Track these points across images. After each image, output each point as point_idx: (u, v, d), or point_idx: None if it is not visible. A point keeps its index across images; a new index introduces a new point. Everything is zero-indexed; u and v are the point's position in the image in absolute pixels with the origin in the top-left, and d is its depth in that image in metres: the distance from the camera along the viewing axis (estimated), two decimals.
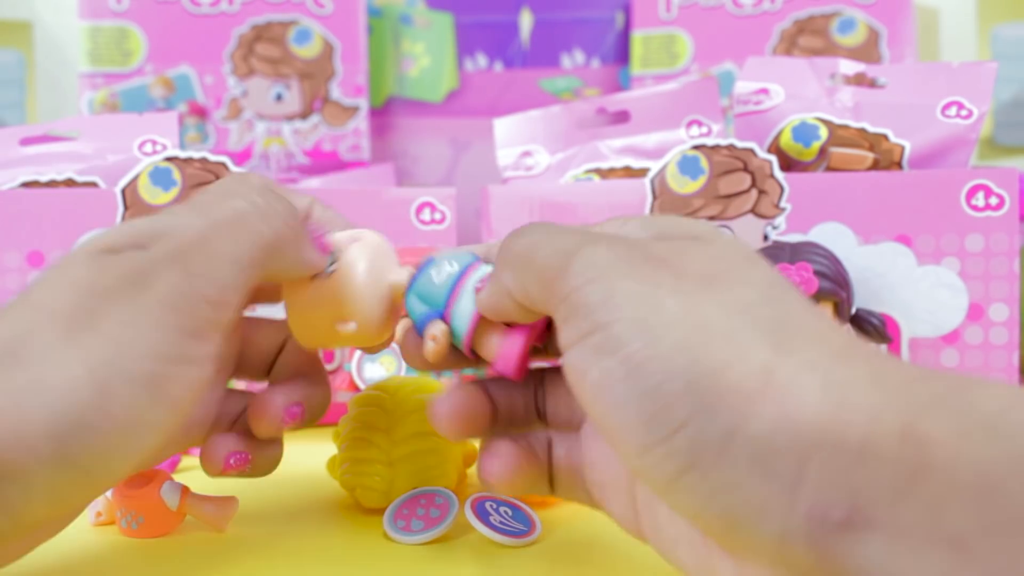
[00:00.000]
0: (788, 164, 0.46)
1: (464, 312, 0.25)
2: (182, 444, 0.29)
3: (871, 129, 0.46)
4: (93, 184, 0.44)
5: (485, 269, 0.26)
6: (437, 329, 0.26)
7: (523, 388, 0.26)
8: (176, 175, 0.43)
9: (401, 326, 0.28)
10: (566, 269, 0.21)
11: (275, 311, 0.30)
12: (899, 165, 0.45)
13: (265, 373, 0.30)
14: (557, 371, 0.26)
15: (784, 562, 0.17)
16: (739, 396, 0.18)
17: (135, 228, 0.24)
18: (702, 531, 0.19)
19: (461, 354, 0.26)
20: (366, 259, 0.27)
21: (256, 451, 0.28)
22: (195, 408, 0.25)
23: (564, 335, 0.21)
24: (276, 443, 0.29)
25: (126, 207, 0.43)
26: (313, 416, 0.29)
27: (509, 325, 0.25)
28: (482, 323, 0.25)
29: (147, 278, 0.23)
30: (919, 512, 0.16)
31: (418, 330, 0.27)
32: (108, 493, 0.31)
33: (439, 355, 0.26)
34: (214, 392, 0.28)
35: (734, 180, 0.44)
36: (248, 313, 0.29)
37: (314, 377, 0.30)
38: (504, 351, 0.25)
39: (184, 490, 0.30)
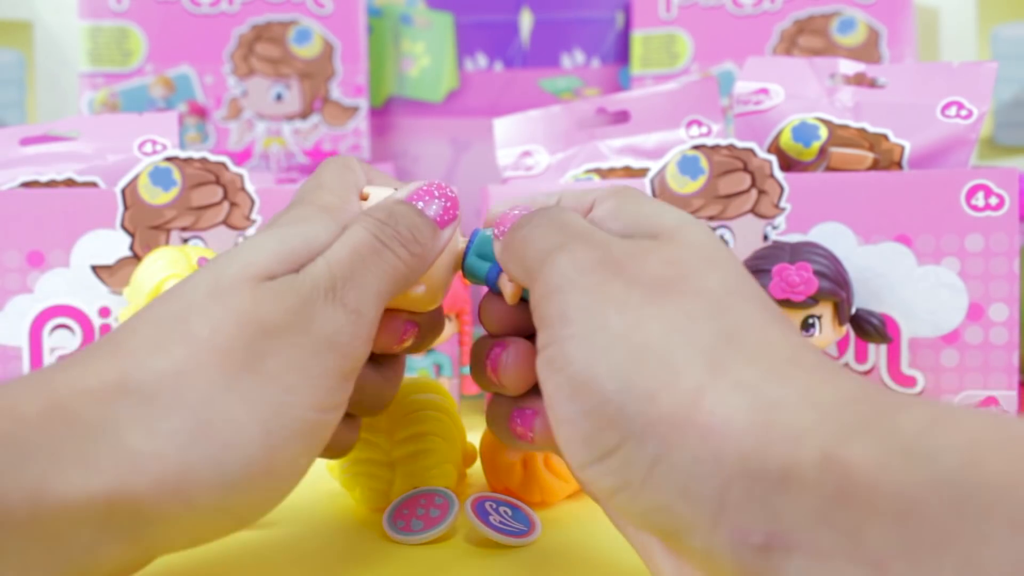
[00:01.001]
0: (788, 164, 0.46)
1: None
2: None
3: (871, 129, 0.46)
4: (93, 184, 0.44)
5: None
6: (503, 279, 0.26)
7: None
8: (176, 175, 0.43)
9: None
10: (539, 274, 0.21)
11: None
12: (899, 165, 0.45)
13: None
14: None
15: (713, 570, 0.18)
16: (666, 425, 0.18)
17: (286, 245, 0.22)
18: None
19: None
20: None
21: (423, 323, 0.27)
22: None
23: (537, 340, 0.21)
24: (439, 315, 0.28)
25: (126, 207, 0.43)
26: (427, 337, 0.28)
27: None
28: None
29: (309, 313, 0.21)
30: (839, 535, 0.16)
31: (489, 283, 0.27)
32: None
33: (517, 295, 0.26)
34: None
35: (734, 180, 0.44)
36: None
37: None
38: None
39: None
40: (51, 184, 0.44)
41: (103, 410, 0.19)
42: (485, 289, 0.27)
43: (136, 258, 0.42)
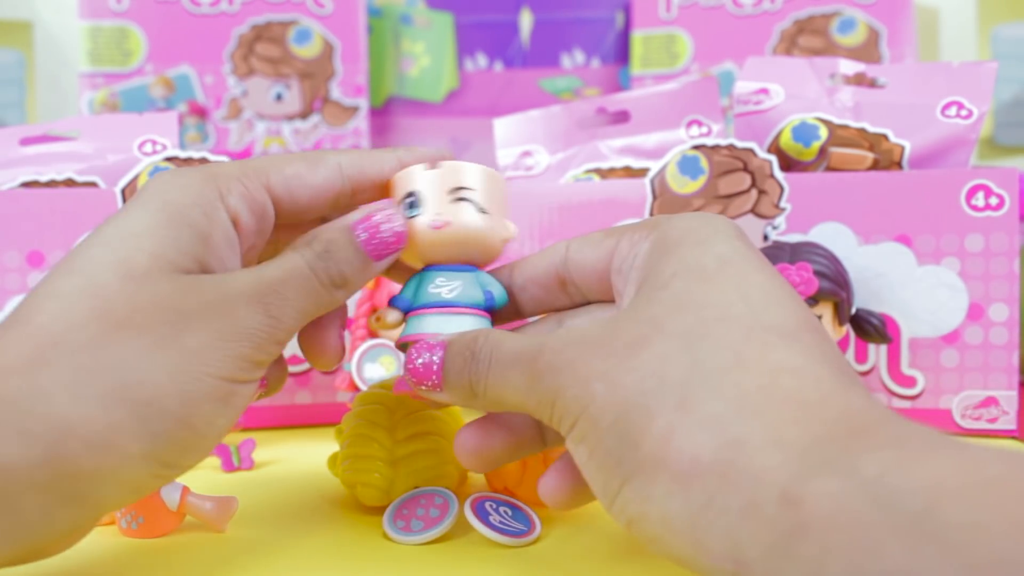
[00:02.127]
0: (788, 164, 0.46)
1: (412, 327, 0.28)
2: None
3: (871, 129, 0.46)
4: (93, 184, 0.44)
5: (472, 324, 0.27)
6: (390, 316, 0.28)
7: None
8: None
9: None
10: (535, 404, 0.23)
11: None
12: (899, 165, 0.45)
13: None
14: None
15: None
16: (648, 466, 0.20)
17: (183, 242, 0.25)
18: None
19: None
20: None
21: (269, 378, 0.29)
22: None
23: (560, 432, 0.23)
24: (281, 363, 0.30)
25: None
26: (272, 389, 0.31)
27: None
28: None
29: (230, 309, 0.24)
30: (799, 570, 0.17)
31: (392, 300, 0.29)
32: None
33: (375, 327, 0.29)
34: None
35: (734, 180, 0.44)
36: None
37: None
38: (396, 383, 0.28)
39: (184, 490, 0.30)
40: (51, 184, 0.44)
41: (28, 383, 0.22)
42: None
43: None
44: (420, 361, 0.26)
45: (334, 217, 0.30)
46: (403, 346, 0.28)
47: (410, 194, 0.28)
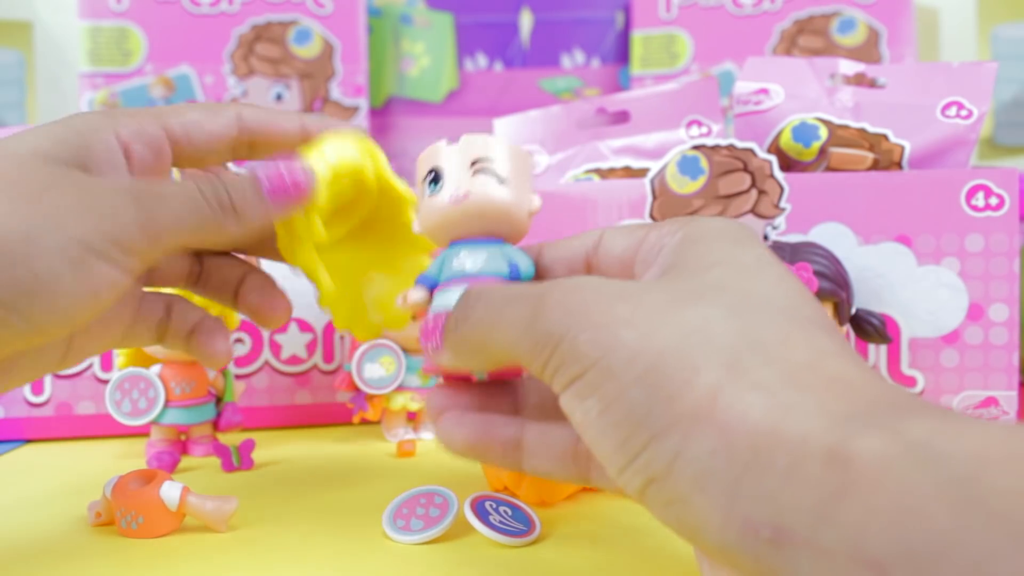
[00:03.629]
0: (788, 164, 0.46)
1: (440, 300, 0.27)
2: (103, 339, 0.31)
3: (871, 129, 0.46)
4: None
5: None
6: (416, 293, 0.27)
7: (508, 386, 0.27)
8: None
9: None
10: (530, 343, 0.22)
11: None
12: (899, 165, 0.45)
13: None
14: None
15: (732, 565, 0.19)
16: (686, 420, 0.19)
17: (68, 146, 0.27)
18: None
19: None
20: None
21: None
22: (112, 302, 0.27)
23: (553, 384, 0.22)
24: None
25: None
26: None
27: None
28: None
29: (98, 192, 0.25)
30: (841, 534, 0.16)
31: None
32: (107, 493, 0.31)
33: (402, 310, 0.28)
34: (130, 300, 0.31)
35: (734, 180, 0.44)
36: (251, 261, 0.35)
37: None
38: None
39: (184, 490, 0.30)
40: None
41: None
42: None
43: None
44: (430, 323, 0.26)
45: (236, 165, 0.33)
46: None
47: (431, 171, 0.28)
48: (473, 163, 0.27)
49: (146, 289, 0.33)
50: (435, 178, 0.27)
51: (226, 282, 0.34)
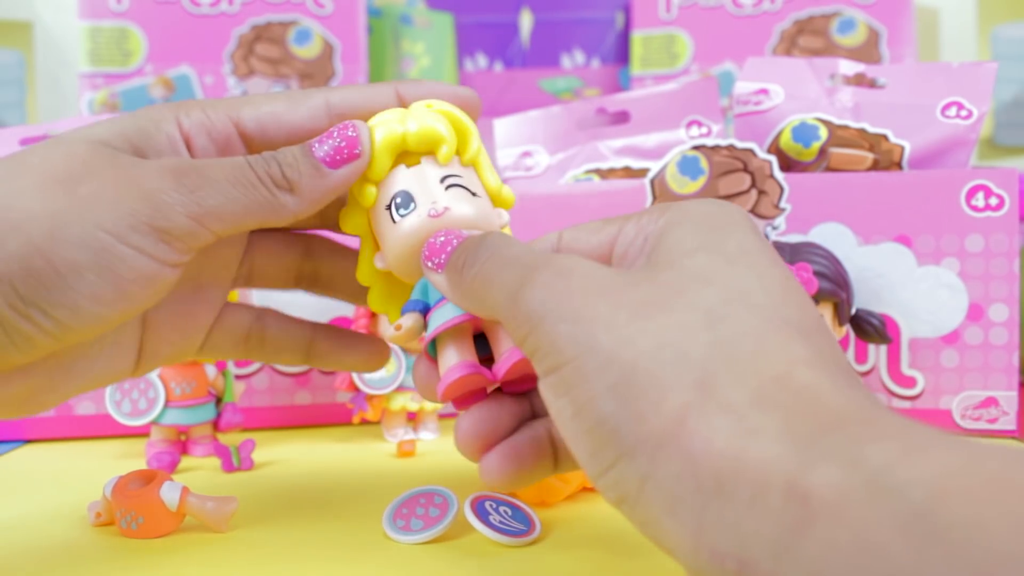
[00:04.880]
0: (788, 164, 0.46)
1: (437, 319, 0.26)
2: (178, 345, 0.30)
3: (871, 129, 0.46)
4: None
5: None
6: (408, 320, 0.26)
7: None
8: None
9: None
10: (513, 313, 0.21)
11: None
12: (899, 165, 0.45)
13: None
14: None
15: None
16: (654, 443, 0.18)
17: (125, 134, 0.26)
18: None
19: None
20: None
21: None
22: (149, 299, 0.25)
23: (532, 362, 0.21)
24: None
25: None
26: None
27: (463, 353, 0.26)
28: (443, 337, 0.26)
29: (137, 173, 0.24)
30: (803, 569, 0.16)
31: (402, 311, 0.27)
32: (107, 493, 0.31)
33: (397, 341, 0.27)
34: (205, 303, 0.30)
35: (734, 180, 0.44)
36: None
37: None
38: (444, 376, 0.26)
39: (184, 490, 0.30)
40: None
41: None
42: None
43: None
44: (440, 239, 0.25)
45: (304, 232, 0.31)
46: (431, 351, 0.27)
47: (398, 194, 0.27)
48: (443, 179, 0.27)
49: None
50: (402, 202, 0.27)
51: (292, 340, 0.32)
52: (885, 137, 0.45)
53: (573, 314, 0.20)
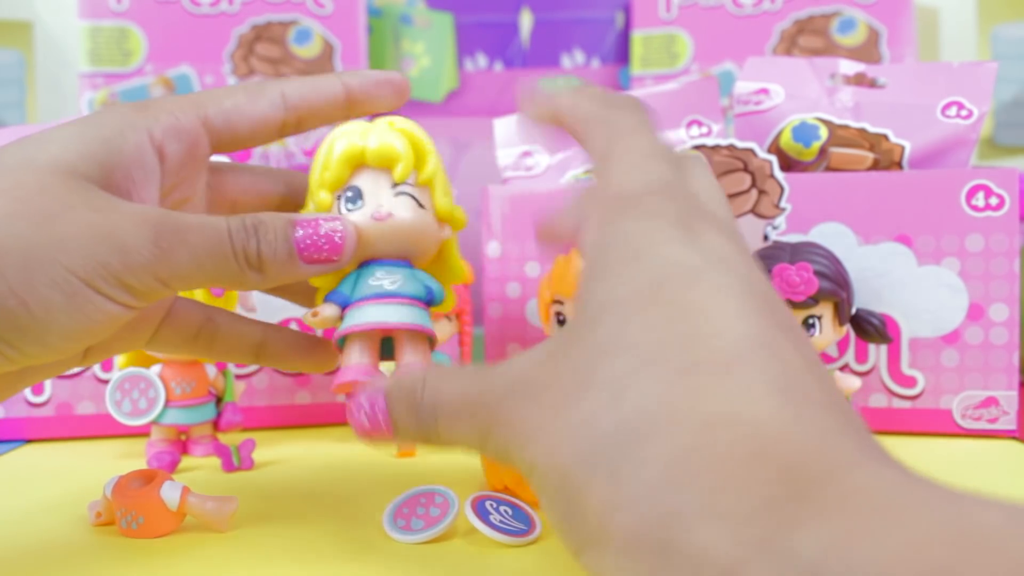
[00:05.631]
0: (788, 164, 0.46)
1: (351, 319, 0.28)
2: (126, 342, 0.30)
3: (871, 129, 0.46)
4: None
5: (410, 314, 0.28)
6: (326, 309, 0.28)
7: None
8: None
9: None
10: (485, 454, 0.22)
11: None
12: (899, 165, 0.45)
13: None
14: None
15: None
16: (593, 541, 0.18)
17: (94, 154, 0.25)
18: None
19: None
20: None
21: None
22: (110, 332, 0.25)
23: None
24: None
25: None
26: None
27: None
28: (351, 336, 0.28)
29: (115, 221, 0.24)
30: None
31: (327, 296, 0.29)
32: (108, 493, 0.31)
33: (312, 326, 0.29)
34: (161, 300, 0.30)
35: (734, 180, 0.44)
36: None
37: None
38: (341, 372, 0.28)
39: (184, 490, 0.30)
40: None
41: None
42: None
43: None
44: (366, 418, 0.24)
45: (284, 170, 0.31)
46: (340, 342, 0.28)
47: (350, 188, 0.28)
48: (394, 185, 0.28)
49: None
50: (352, 196, 0.28)
51: (243, 340, 0.32)
52: (885, 137, 0.45)
53: (517, 435, 0.20)
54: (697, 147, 0.44)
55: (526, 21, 0.72)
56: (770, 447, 0.16)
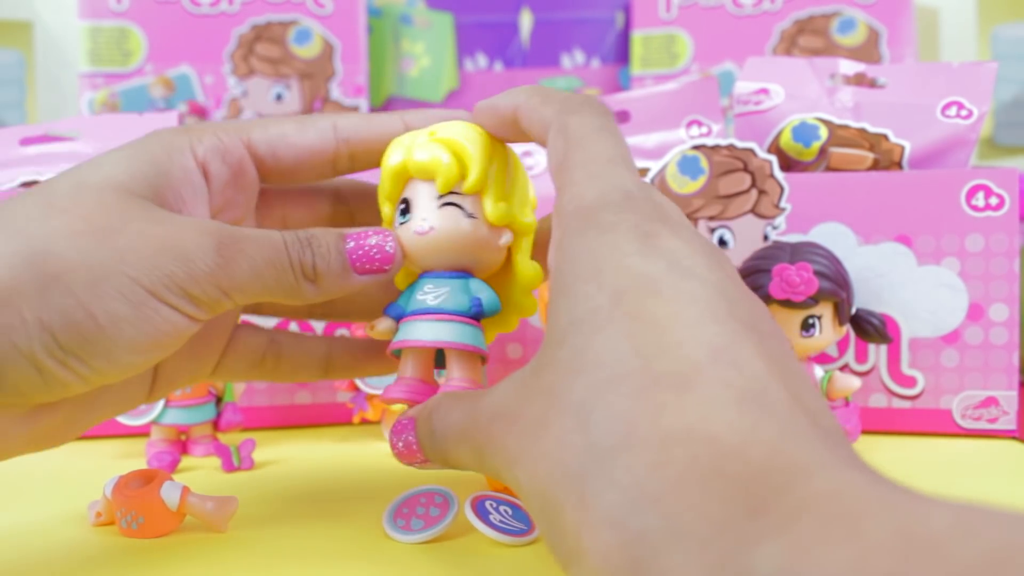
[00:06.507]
0: (788, 164, 0.46)
1: (403, 333, 0.28)
2: (192, 372, 0.30)
3: (871, 129, 0.46)
4: None
5: (452, 331, 0.28)
6: (382, 323, 0.29)
7: None
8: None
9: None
10: (483, 472, 0.23)
11: None
12: (899, 165, 0.45)
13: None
14: None
15: None
16: (573, 559, 0.18)
17: (144, 174, 0.25)
18: None
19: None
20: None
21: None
22: (176, 347, 0.26)
23: None
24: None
25: None
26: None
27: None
28: (403, 352, 0.28)
29: (178, 231, 0.24)
30: None
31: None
32: (108, 493, 0.31)
33: (368, 334, 0.29)
34: (216, 327, 0.30)
35: (734, 180, 0.44)
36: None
37: None
38: (393, 384, 0.28)
39: (184, 490, 0.30)
40: None
41: None
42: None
43: None
44: (401, 444, 0.26)
45: (331, 179, 0.31)
46: (396, 352, 0.29)
47: (403, 200, 0.28)
48: (441, 196, 0.28)
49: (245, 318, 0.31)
50: (405, 208, 0.28)
51: (309, 358, 0.32)
52: (885, 137, 0.45)
53: (504, 461, 0.21)
54: (697, 147, 0.44)
55: (526, 21, 0.72)
56: (727, 463, 0.16)
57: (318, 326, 0.44)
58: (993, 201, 0.42)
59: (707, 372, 0.18)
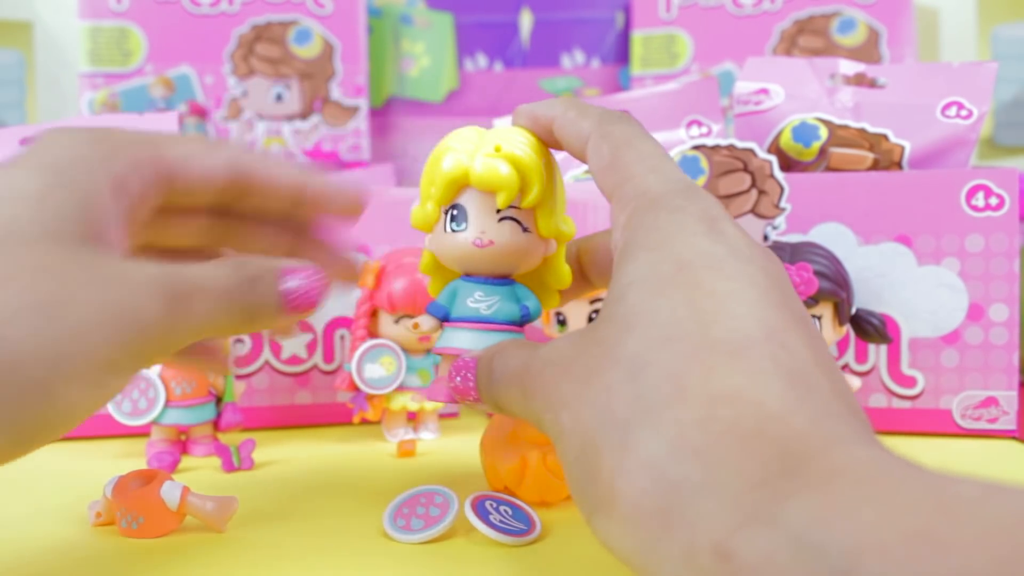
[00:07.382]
0: (788, 164, 0.46)
1: (445, 339, 0.28)
2: None
3: (871, 129, 0.46)
4: None
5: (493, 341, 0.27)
6: (426, 323, 0.29)
7: None
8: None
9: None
10: (525, 418, 0.24)
11: None
12: (899, 165, 0.45)
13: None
14: None
15: None
16: (603, 505, 0.19)
17: (71, 210, 0.24)
18: None
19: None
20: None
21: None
22: None
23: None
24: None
25: None
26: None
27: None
28: (450, 356, 0.28)
29: (130, 295, 0.23)
30: None
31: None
32: (108, 493, 0.31)
33: (411, 334, 0.30)
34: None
35: (734, 180, 0.44)
36: None
37: None
38: (435, 383, 0.28)
39: (184, 490, 0.30)
40: None
41: None
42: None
43: None
44: (459, 380, 0.26)
45: (224, 205, 0.29)
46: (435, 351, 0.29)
47: (456, 207, 0.28)
48: (498, 210, 0.28)
49: None
50: (456, 216, 0.28)
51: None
52: (885, 137, 0.46)
53: (548, 404, 0.22)
54: (697, 147, 0.44)
55: (526, 21, 0.72)
56: (769, 426, 0.18)
57: None
58: (993, 201, 0.42)
59: (760, 347, 0.19)
